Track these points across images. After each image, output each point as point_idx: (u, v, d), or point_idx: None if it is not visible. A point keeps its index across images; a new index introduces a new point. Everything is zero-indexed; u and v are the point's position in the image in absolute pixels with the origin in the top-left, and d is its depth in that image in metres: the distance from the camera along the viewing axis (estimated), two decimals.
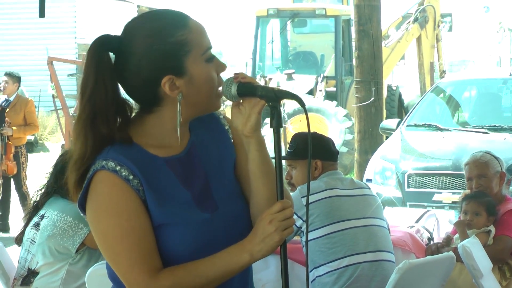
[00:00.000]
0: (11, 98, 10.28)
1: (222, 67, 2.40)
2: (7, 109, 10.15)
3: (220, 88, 2.40)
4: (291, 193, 4.08)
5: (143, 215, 2.31)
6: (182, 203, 2.36)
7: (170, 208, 2.34)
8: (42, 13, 7.72)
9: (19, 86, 10.50)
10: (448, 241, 5.14)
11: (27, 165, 10.36)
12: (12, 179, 10.20)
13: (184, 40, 2.35)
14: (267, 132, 9.01)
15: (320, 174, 4.73)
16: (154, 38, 2.34)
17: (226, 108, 11.20)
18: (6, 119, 10.02)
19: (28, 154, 10.66)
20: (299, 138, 4.83)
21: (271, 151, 2.33)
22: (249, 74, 15.45)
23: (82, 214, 2.37)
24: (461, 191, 6.03)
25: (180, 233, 2.33)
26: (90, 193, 2.32)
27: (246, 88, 2.37)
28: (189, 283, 2.30)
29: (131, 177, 2.30)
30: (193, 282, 2.30)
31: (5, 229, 10.15)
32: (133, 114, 2.42)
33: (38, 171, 10.79)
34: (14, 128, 10.03)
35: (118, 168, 2.30)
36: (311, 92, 14.82)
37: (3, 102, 10.18)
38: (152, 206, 2.32)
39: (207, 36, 2.40)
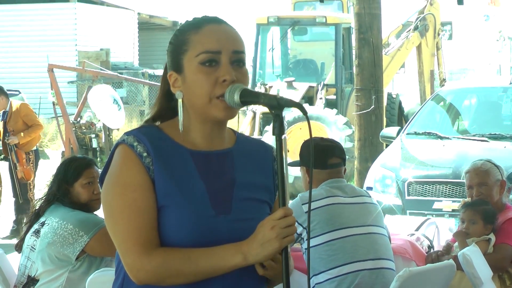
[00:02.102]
0: (8, 109, 10.23)
1: (222, 76, 2.40)
2: (8, 120, 10.13)
3: (222, 96, 2.40)
4: (290, 200, 4.08)
5: (148, 192, 2.39)
6: (193, 191, 2.41)
7: (179, 192, 2.39)
8: None
9: (6, 96, 10.31)
10: (448, 249, 5.14)
11: (35, 171, 10.38)
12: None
13: (186, 40, 2.44)
14: (269, 139, 9.01)
15: (308, 182, 4.75)
16: (173, 36, 2.51)
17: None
18: (8, 128, 10.02)
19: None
20: (302, 145, 4.90)
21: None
22: (249, 81, 15.51)
23: (101, 189, 2.48)
24: (461, 199, 6.03)
25: (180, 217, 2.38)
26: (110, 165, 2.46)
27: (249, 96, 2.39)
28: (178, 266, 2.34)
29: (145, 154, 2.40)
30: (183, 266, 2.34)
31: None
32: None
33: (38, 178, 10.79)
34: (20, 135, 10.04)
35: (135, 144, 2.41)
36: (307, 99, 14.83)
37: (1, 116, 10.15)
38: (159, 186, 2.39)
39: (219, 42, 2.42)
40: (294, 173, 11.76)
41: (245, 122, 14.27)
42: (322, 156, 4.77)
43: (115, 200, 2.40)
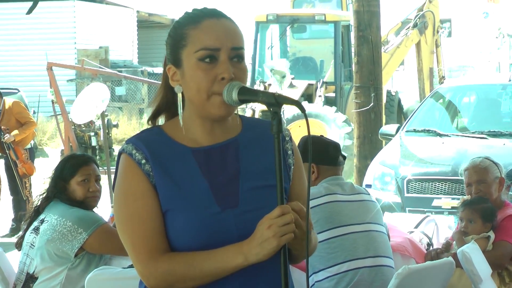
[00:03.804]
0: (1, 107, 10.20)
1: (221, 74, 2.39)
2: (1, 118, 10.12)
3: (221, 93, 2.39)
4: None
5: (150, 199, 2.40)
6: (196, 191, 2.40)
7: (180, 194, 2.39)
8: (30, 11, 7.75)
9: (0, 95, 10.32)
10: (447, 246, 5.14)
11: None
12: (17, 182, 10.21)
13: (186, 34, 2.42)
14: None
15: (317, 178, 4.72)
16: (172, 28, 2.48)
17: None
18: (2, 127, 10.01)
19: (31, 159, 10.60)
20: (300, 142, 4.85)
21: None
22: (248, 79, 15.51)
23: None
24: (461, 196, 6.02)
25: (185, 220, 2.38)
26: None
27: (247, 94, 2.38)
28: (183, 271, 2.35)
29: (143, 161, 2.41)
30: (187, 271, 2.35)
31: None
32: None
33: (37, 176, 10.79)
34: (15, 132, 10.03)
35: (133, 152, 2.42)
36: (306, 97, 14.84)
37: None
38: (161, 191, 2.40)
39: (218, 38, 2.40)
40: None
41: None
42: (331, 152, 4.75)
43: (120, 211, 2.43)
